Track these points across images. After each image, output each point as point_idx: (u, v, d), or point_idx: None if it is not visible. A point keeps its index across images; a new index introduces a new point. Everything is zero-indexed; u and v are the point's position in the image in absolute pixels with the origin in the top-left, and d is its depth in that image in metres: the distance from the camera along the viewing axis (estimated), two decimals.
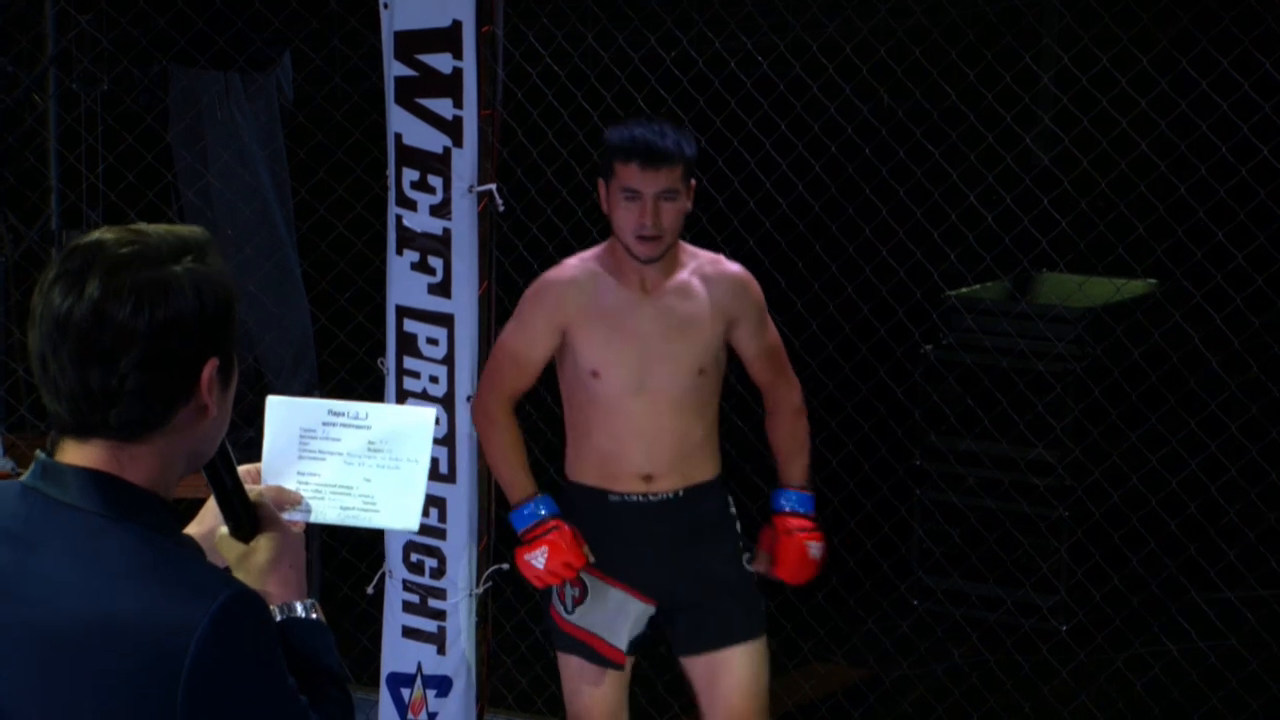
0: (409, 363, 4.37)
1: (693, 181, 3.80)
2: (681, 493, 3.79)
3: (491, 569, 4.39)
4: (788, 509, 3.85)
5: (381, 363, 4.38)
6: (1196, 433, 5.12)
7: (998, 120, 4.74)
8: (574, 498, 3.86)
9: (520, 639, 5.10)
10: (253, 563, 1.98)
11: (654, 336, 3.76)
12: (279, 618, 1.95)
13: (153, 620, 1.79)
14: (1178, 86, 4.58)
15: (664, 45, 4.70)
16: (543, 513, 3.78)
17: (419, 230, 4.30)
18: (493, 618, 4.47)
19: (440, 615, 4.38)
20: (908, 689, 5.27)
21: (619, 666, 3.86)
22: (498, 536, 4.46)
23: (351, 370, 5.28)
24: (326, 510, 2.11)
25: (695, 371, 3.78)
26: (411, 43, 4.24)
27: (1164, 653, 4.98)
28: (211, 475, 1.97)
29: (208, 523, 2.06)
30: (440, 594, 4.38)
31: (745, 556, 3.87)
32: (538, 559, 3.77)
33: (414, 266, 4.33)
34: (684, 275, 3.81)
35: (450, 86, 4.23)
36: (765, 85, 4.83)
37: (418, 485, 2.11)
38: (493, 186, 4.26)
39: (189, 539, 1.95)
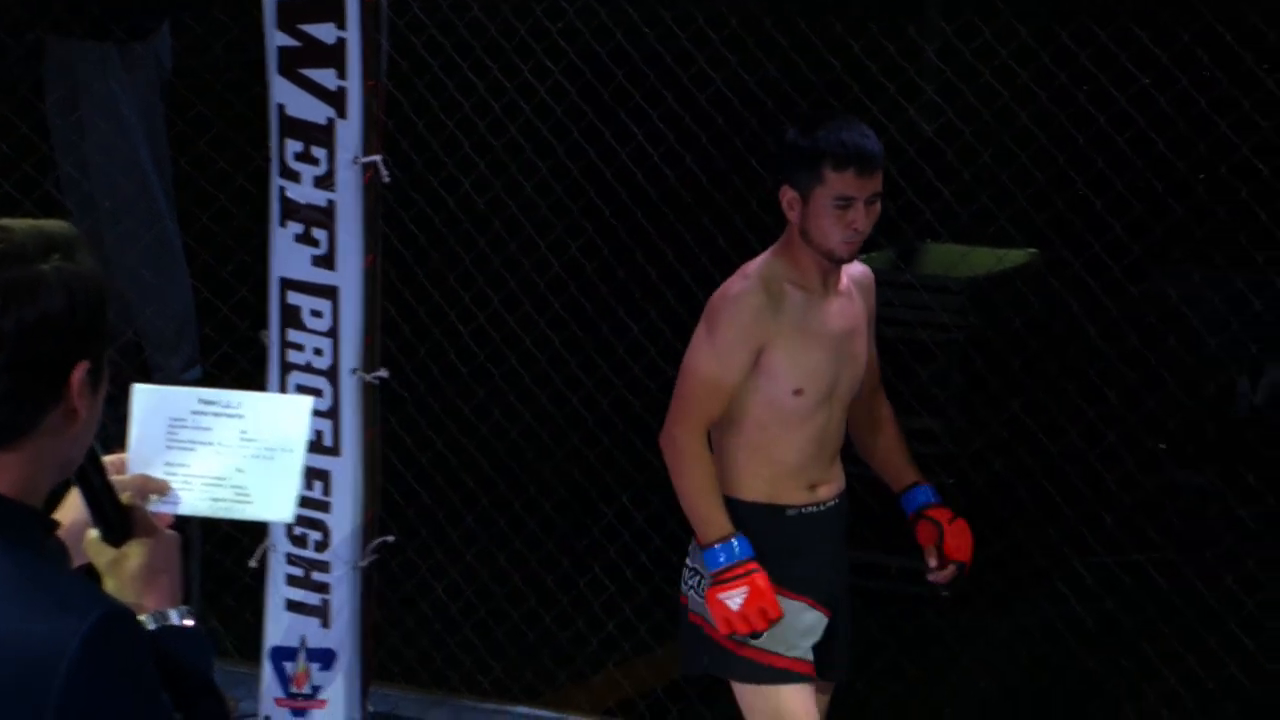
0: (293, 335, 4.33)
1: None
2: (837, 499, 3.72)
3: (377, 541, 4.37)
4: (936, 501, 3.81)
5: (264, 335, 4.34)
6: (1076, 401, 5.20)
7: (882, 92, 4.78)
8: (742, 516, 3.65)
9: (406, 612, 5.10)
10: (124, 569, 1.92)
11: (840, 339, 3.66)
12: (151, 626, 1.89)
13: (22, 640, 1.74)
14: (1058, 59, 4.63)
15: (550, 16, 4.68)
16: (742, 554, 3.60)
17: (303, 202, 4.26)
18: (378, 590, 4.45)
19: (324, 588, 4.35)
20: None
21: (812, 679, 3.71)
22: (385, 509, 4.44)
23: (235, 344, 5.23)
24: (197, 502, 2.04)
25: (862, 376, 3.71)
26: (293, 12, 4.19)
27: (1044, 617, 5.06)
28: (80, 479, 1.92)
29: (70, 515, 1.99)
30: (324, 567, 4.35)
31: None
32: (734, 599, 3.58)
33: (298, 238, 4.29)
34: (846, 279, 3.71)
35: (334, 56, 4.18)
36: (652, 57, 4.83)
37: (293, 475, 2.05)
38: (378, 158, 4.22)
39: (58, 547, 1.90)
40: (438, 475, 5.29)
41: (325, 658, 4.37)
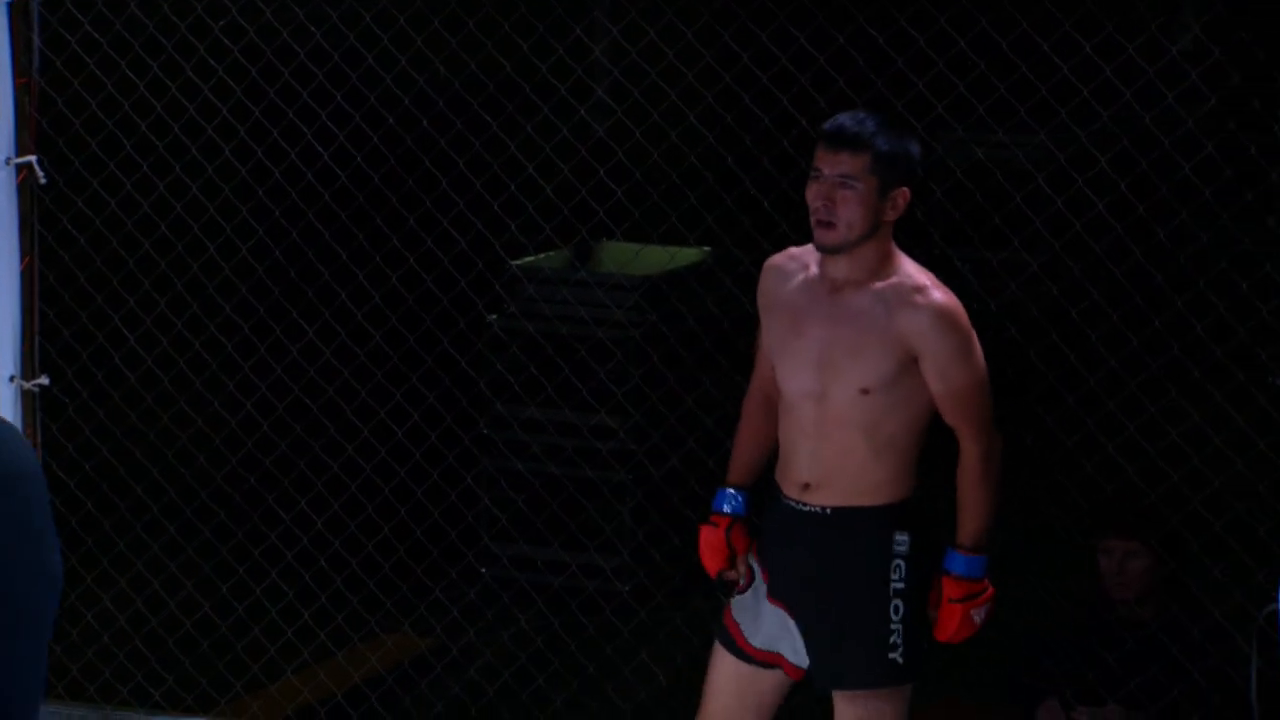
0: None
1: (904, 189, 3.53)
2: (829, 510, 3.60)
3: None
4: (953, 572, 3.59)
5: None
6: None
7: (553, 91, 4.81)
8: (769, 491, 3.73)
9: (71, 625, 4.94)
10: None
11: (825, 340, 3.58)
12: None
13: None
14: (722, 60, 4.73)
15: (212, 14, 4.59)
16: (721, 507, 3.77)
17: None
18: None
19: None
20: (475, 656, 5.32)
21: (752, 660, 3.74)
22: None
23: None
24: None
25: (857, 388, 3.57)
26: None
27: (719, 606, 5.13)
28: None
29: None
30: None
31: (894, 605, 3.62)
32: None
33: None
34: (878, 286, 3.57)
35: None
36: (320, 56, 4.77)
37: None
38: (33, 158, 4.12)
39: None
40: (103, 483, 5.15)
41: None
